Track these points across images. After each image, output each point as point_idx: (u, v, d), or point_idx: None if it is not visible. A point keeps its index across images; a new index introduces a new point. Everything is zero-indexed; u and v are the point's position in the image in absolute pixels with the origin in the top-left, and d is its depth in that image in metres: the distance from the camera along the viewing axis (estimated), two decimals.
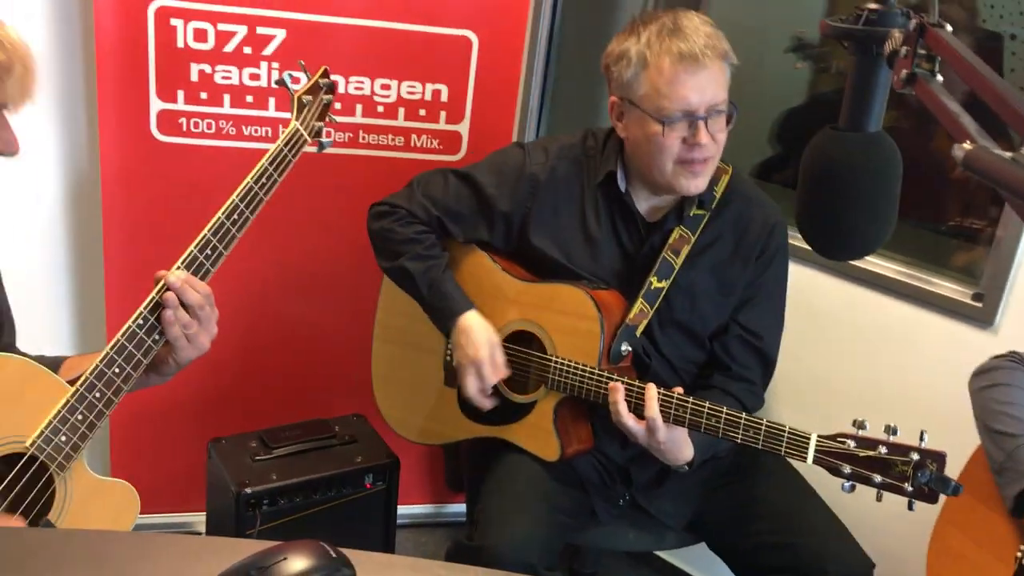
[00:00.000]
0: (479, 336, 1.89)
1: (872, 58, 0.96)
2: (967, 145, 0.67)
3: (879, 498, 1.52)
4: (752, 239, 1.89)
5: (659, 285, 1.85)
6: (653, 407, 1.69)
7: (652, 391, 1.70)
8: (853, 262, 2.26)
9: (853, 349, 2.31)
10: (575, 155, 1.93)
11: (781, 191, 2.59)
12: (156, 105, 2.20)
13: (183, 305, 1.41)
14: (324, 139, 1.68)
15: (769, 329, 1.93)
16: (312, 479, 2.20)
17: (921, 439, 1.49)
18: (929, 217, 2.28)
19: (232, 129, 2.26)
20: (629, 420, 1.72)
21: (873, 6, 0.95)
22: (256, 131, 2.28)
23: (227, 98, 2.23)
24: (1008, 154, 0.66)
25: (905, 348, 2.21)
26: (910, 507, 1.50)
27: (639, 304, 1.83)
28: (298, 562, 0.91)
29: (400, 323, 2.10)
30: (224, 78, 2.21)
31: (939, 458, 1.47)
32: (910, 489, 1.48)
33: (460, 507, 2.83)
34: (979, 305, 2.07)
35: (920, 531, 1.80)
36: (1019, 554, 1.64)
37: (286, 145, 1.58)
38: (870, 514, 1.82)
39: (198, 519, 2.52)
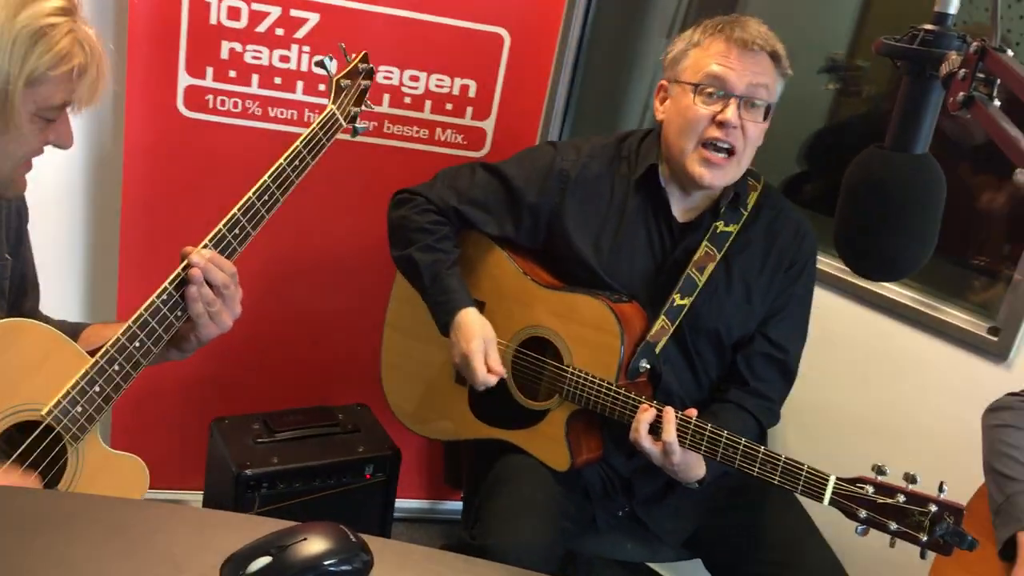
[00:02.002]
0: (471, 330, 1.86)
1: (925, 79, 0.96)
2: None
3: (892, 544, 1.51)
4: (782, 249, 1.88)
5: (682, 303, 1.83)
6: (671, 431, 1.68)
7: (671, 415, 1.69)
8: (869, 286, 2.25)
9: (864, 374, 2.29)
10: (609, 155, 1.93)
11: (805, 213, 2.58)
12: (184, 80, 2.19)
13: (208, 283, 1.40)
14: (358, 124, 1.67)
15: (795, 343, 1.92)
16: (313, 465, 2.20)
17: (940, 490, 1.48)
18: (950, 247, 2.27)
19: (258, 110, 2.26)
20: (647, 442, 1.71)
21: (929, 27, 0.95)
22: (282, 113, 2.27)
23: (255, 78, 2.23)
24: None
25: (917, 377, 2.20)
26: (923, 556, 1.49)
27: (661, 321, 1.82)
28: (317, 543, 0.91)
29: (412, 313, 2.07)
30: (254, 58, 2.21)
31: (957, 512, 1.45)
32: (925, 539, 1.46)
33: (455, 505, 2.83)
34: (995, 339, 2.06)
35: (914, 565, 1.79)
36: None
37: (321, 128, 1.57)
38: (864, 547, 1.82)
39: (195, 497, 2.50)
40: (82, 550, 1.00)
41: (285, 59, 2.23)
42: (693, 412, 1.71)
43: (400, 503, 2.41)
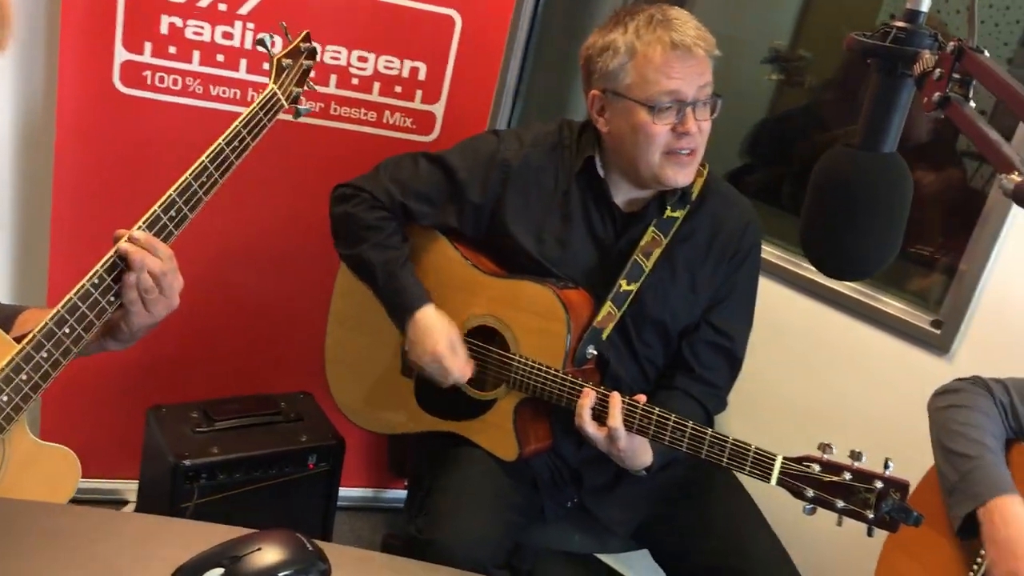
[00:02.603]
0: (437, 330, 1.84)
1: (896, 77, 0.95)
2: (1016, 177, 0.66)
3: (839, 523, 1.52)
4: (727, 237, 1.88)
5: (628, 288, 1.82)
6: (616, 417, 1.66)
7: (616, 400, 1.68)
8: (814, 277, 2.27)
9: (809, 364, 2.32)
10: (550, 144, 1.90)
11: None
12: (121, 55, 2.10)
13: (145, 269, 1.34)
14: (301, 106, 1.61)
15: (739, 330, 1.92)
16: (254, 455, 2.14)
17: (886, 467, 1.49)
18: None
19: (199, 88, 2.18)
20: (591, 427, 1.69)
21: (901, 24, 0.94)
22: (224, 92, 2.20)
23: (197, 55, 2.15)
24: None
25: (861, 369, 2.23)
26: (869, 533, 1.50)
27: (607, 307, 1.81)
28: (272, 553, 0.87)
29: (357, 308, 2.03)
30: (195, 34, 2.12)
31: (902, 487, 1.47)
32: (872, 517, 1.48)
33: (399, 493, 2.79)
34: (937, 332, 2.09)
35: (862, 553, 1.81)
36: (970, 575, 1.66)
37: (262, 108, 1.51)
38: (815, 538, 1.84)
39: (128, 487, 2.43)
40: (13, 562, 0.93)
41: (228, 36, 2.15)
42: (642, 398, 1.70)
43: (342, 491, 2.37)
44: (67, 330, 1.31)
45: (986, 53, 0.81)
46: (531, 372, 1.78)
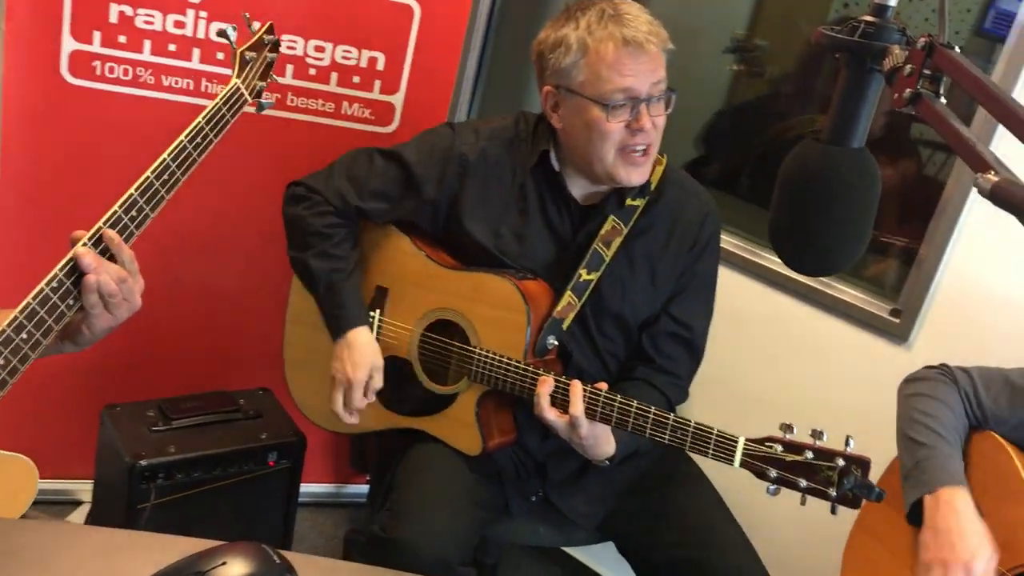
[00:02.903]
0: (362, 356, 1.84)
1: (865, 72, 0.94)
2: (992, 176, 0.65)
3: (803, 502, 1.53)
4: (686, 228, 1.87)
5: (588, 277, 1.81)
6: (578, 404, 1.65)
7: (577, 387, 1.67)
8: (773, 267, 2.28)
9: (770, 353, 2.33)
10: (507, 137, 1.87)
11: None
12: (69, 45, 2.04)
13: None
14: (264, 100, 1.58)
15: (699, 321, 1.91)
16: (213, 454, 2.11)
17: (847, 444, 1.50)
18: None
19: (151, 78, 2.12)
20: (551, 415, 1.68)
21: (870, 19, 0.93)
22: (177, 83, 2.14)
23: (148, 44, 2.09)
24: None
25: (820, 357, 2.25)
26: (833, 511, 1.51)
27: (567, 297, 1.79)
28: (238, 567, 0.84)
29: (315, 305, 1.99)
30: (146, 22, 2.07)
31: (864, 464, 1.48)
32: (834, 494, 1.48)
33: (361, 488, 2.77)
34: (896, 321, 2.11)
35: (824, 539, 1.83)
36: None
37: (225, 104, 1.47)
38: (779, 526, 1.85)
39: (82, 487, 2.38)
40: None
41: (180, 24, 2.10)
42: (603, 385, 1.69)
43: (304, 487, 2.34)
44: (25, 336, 1.26)
45: (957, 49, 0.81)
46: (492, 364, 1.77)
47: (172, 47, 2.11)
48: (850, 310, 2.19)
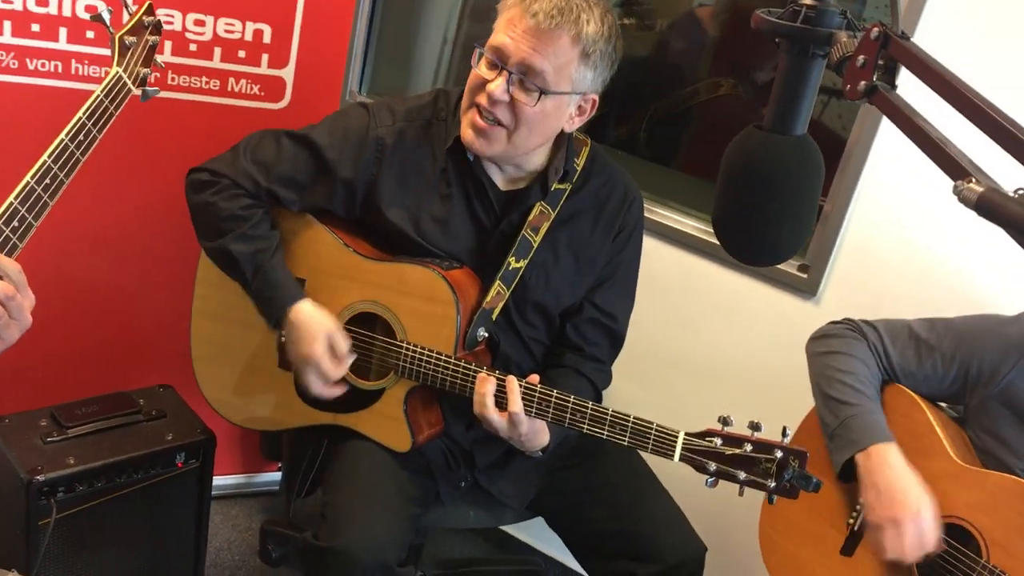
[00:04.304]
0: (313, 329, 1.72)
1: (808, 58, 0.91)
2: (976, 186, 0.63)
3: (741, 493, 1.54)
4: (612, 214, 1.83)
5: (517, 265, 1.76)
6: (517, 402, 1.62)
7: (514, 384, 1.63)
8: (679, 227, 2.28)
9: (680, 314, 2.34)
10: (425, 117, 1.79)
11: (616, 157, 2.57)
12: None
13: None
14: (149, 88, 1.45)
15: (623, 309, 1.90)
16: (116, 461, 1.97)
17: (784, 435, 1.52)
18: None
19: (14, 62, 1.95)
20: (492, 414, 1.64)
21: (810, 2, 0.90)
22: (44, 65, 1.97)
23: (8, 25, 1.91)
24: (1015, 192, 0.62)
25: (732, 315, 2.27)
26: (770, 500, 1.54)
27: (496, 286, 1.74)
28: None
29: (225, 297, 1.88)
30: (5, 2, 1.89)
31: (801, 456, 1.51)
32: (773, 485, 1.51)
33: (271, 476, 2.69)
34: (804, 276, 2.14)
35: (754, 501, 1.86)
36: (851, 520, 1.72)
37: (107, 96, 1.35)
38: (705, 491, 1.87)
39: None
40: None
41: (43, 3, 1.92)
42: (535, 378, 1.66)
43: (214, 480, 2.25)
44: None
45: (913, 40, 0.78)
46: (421, 359, 1.71)
47: (35, 27, 1.93)
48: (760, 268, 2.21)
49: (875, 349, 1.75)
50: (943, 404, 1.78)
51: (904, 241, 2.03)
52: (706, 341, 2.31)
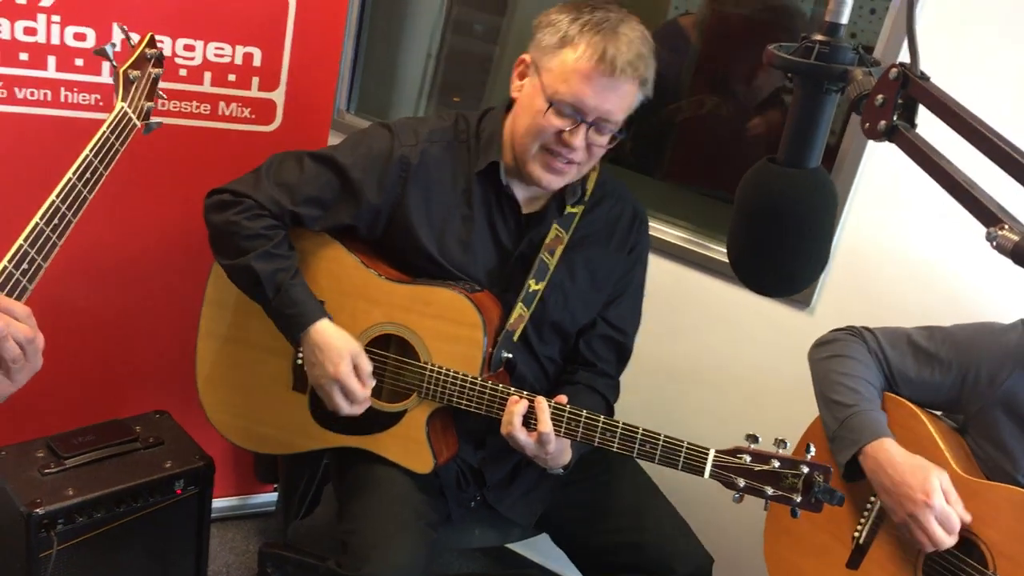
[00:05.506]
0: (340, 348, 1.72)
1: (822, 93, 0.93)
2: (1011, 234, 0.64)
3: (766, 507, 1.58)
4: (624, 233, 1.88)
5: (536, 287, 1.78)
6: (546, 422, 1.64)
7: (544, 404, 1.65)
8: (673, 240, 2.29)
9: (675, 325, 2.36)
10: (447, 139, 1.81)
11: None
12: None
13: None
14: (152, 120, 1.45)
15: (633, 325, 1.94)
16: (115, 491, 1.95)
17: (808, 451, 1.55)
18: None
19: (2, 92, 1.92)
20: (521, 434, 1.65)
21: (822, 38, 0.91)
22: (33, 94, 1.95)
23: None
24: None
25: (726, 326, 2.29)
26: (794, 514, 1.57)
27: (519, 308, 1.76)
28: None
29: (234, 318, 1.87)
30: None
31: (825, 471, 1.54)
32: (799, 500, 1.55)
33: (267, 497, 2.67)
34: None
35: (758, 510, 1.88)
36: (856, 534, 1.74)
37: (112, 132, 1.35)
38: (712, 501, 1.88)
39: None
40: None
41: (31, 31, 1.90)
42: (563, 398, 1.68)
43: None
44: None
45: (932, 80, 0.79)
46: (447, 381, 1.72)
47: (24, 56, 1.91)
48: None
49: (875, 353, 1.78)
50: (939, 413, 1.80)
51: (897, 250, 2.05)
52: (699, 351, 2.33)
